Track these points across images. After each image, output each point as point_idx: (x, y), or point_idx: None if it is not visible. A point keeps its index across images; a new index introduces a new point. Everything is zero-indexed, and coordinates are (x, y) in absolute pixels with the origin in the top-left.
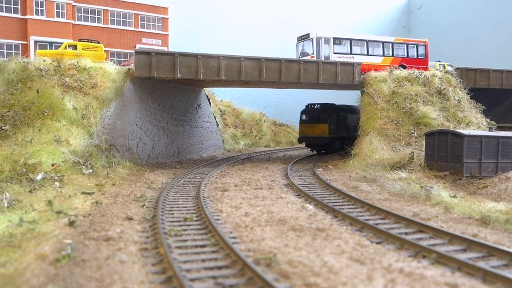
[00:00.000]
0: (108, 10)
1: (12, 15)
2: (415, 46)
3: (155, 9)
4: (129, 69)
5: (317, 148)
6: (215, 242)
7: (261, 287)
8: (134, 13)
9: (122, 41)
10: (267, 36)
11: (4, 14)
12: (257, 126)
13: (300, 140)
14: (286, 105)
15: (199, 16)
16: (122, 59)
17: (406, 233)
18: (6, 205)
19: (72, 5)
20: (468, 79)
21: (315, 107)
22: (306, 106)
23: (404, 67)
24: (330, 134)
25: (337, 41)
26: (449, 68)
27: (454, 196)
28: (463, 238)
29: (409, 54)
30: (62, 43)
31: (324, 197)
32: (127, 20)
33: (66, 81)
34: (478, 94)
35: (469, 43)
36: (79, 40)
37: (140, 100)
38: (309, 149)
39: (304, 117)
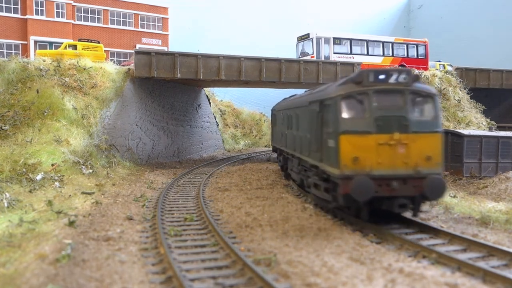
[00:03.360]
0: (108, 10)
1: (12, 15)
2: (415, 46)
3: (155, 9)
4: (129, 69)
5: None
6: (215, 242)
7: (261, 287)
8: (134, 13)
9: (122, 41)
10: (267, 36)
11: (4, 14)
12: (257, 126)
13: (344, 200)
14: None
15: (199, 16)
16: (122, 59)
17: (406, 233)
18: (6, 205)
19: (72, 5)
20: (468, 79)
21: (395, 78)
22: (357, 75)
23: (404, 67)
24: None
25: (337, 41)
26: (449, 68)
27: (454, 196)
28: (463, 238)
29: (409, 54)
30: (62, 43)
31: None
32: (127, 20)
33: (66, 81)
34: (478, 94)
35: (469, 43)
36: (79, 40)
37: (140, 100)
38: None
39: (347, 110)
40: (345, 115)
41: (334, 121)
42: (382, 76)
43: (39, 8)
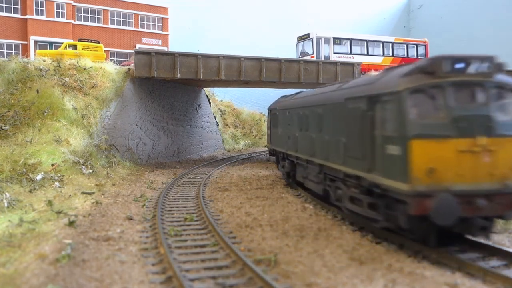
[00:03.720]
0: (108, 10)
1: (12, 15)
2: (415, 46)
3: (155, 9)
4: (129, 69)
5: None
6: (215, 242)
7: (261, 287)
8: (134, 13)
9: (122, 41)
10: (267, 36)
11: (4, 14)
12: (257, 126)
13: (413, 223)
14: None
15: (199, 16)
16: (122, 59)
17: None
18: (6, 205)
19: (72, 5)
20: None
21: (475, 67)
22: (428, 62)
23: None
24: None
25: (337, 41)
26: None
27: None
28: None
29: (409, 54)
30: (62, 43)
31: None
32: (127, 20)
33: (66, 81)
34: None
35: (469, 43)
36: (79, 40)
37: (140, 100)
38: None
39: (417, 108)
40: (415, 114)
41: (398, 122)
42: (460, 65)
43: (39, 8)
